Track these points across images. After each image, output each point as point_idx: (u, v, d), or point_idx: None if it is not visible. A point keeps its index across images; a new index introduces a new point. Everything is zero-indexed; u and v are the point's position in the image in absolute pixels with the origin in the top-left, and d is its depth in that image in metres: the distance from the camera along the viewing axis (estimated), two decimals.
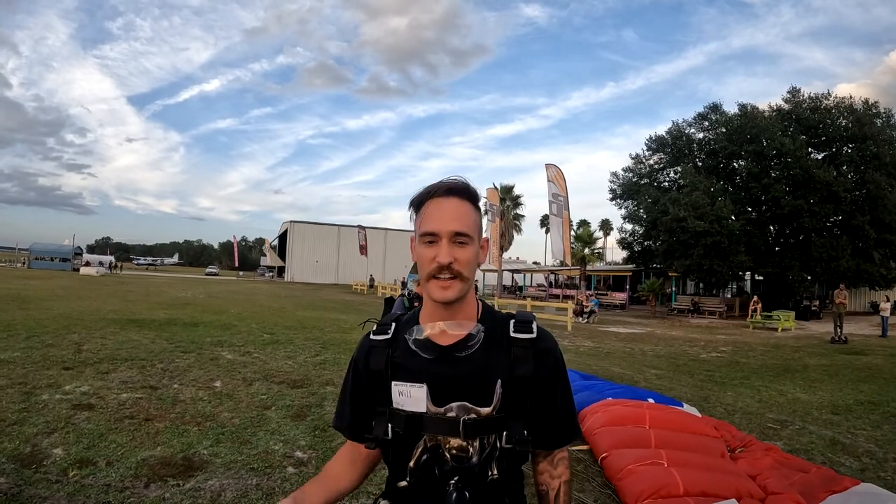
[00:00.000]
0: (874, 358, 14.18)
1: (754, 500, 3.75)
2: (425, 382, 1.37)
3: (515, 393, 1.38)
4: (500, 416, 1.35)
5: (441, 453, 1.36)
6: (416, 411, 1.37)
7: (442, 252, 1.35)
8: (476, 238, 1.40)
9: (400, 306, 5.85)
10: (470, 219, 1.39)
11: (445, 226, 1.36)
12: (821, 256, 28.45)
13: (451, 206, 1.39)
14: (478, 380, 1.37)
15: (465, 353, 1.39)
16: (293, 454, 5.10)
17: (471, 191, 1.44)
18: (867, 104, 31.24)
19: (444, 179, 1.43)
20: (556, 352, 1.47)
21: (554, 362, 1.45)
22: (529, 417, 1.41)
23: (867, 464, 5.60)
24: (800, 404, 8.37)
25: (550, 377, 1.44)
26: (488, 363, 1.39)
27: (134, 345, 10.61)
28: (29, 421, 5.57)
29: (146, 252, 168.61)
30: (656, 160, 37.13)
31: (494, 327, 1.43)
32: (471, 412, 1.34)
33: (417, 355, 1.41)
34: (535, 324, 1.44)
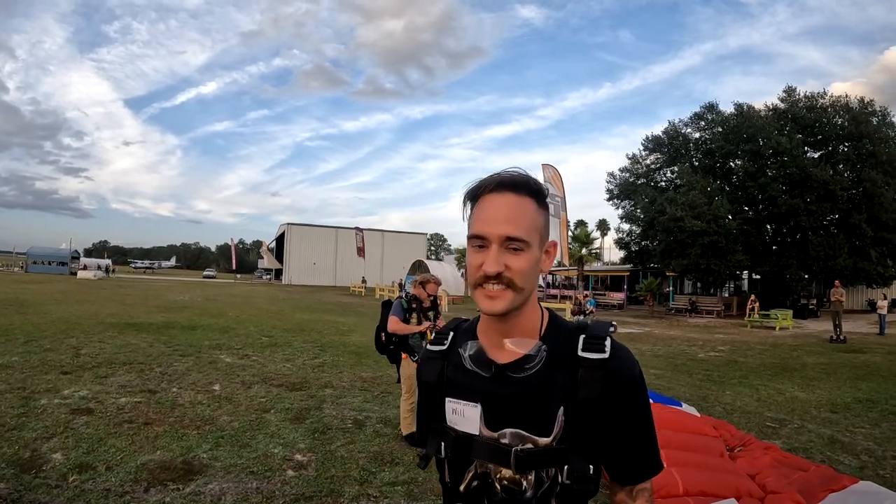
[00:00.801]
0: (872, 356, 14.20)
1: (754, 499, 3.76)
2: (479, 402, 1.24)
3: (579, 421, 1.17)
4: (561, 448, 1.17)
5: (491, 482, 1.23)
6: (468, 432, 1.24)
7: (489, 259, 1.16)
8: (536, 242, 1.19)
9: (398, 309, 5.85)
10: (527, 220, 1.18)
11: (496, 229, 1.16)
12: (818, 255, 28.47)
13: (505, 205, 1.18)
14: (536, 405, 1.19)
15: (523, 375, 1.21)
16: (293, 457, 5.10)
17: (532, 184, 1.21)
18: (863, 102, 31.27)
19: (502, 171, 1.23)
20: (632, 373, 1.21)
21: (629, 385, 1.20)
22: (598, 449, 1.20)
23: (866, 462, 5.62)
24: (798, 403, 8.39)
25: (624, 403, 1.19)
26: (549, 386, 1.19)
27: (132, 349, 10.60)
28: (28, 426, 5.57)
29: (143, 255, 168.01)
30: (653, 160, 37.12)
31: (560, 344, 1.22)
32: (526, 441, 1.19)
33: (472, 371, 1.26)
34: (609, 340, 1.21)
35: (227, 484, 4.38)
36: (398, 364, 5.96)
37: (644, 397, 1.23)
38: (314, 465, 4.91)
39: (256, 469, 4.73)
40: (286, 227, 75.40)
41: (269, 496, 4.20)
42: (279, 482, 4.48)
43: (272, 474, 4.64)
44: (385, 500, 4.28)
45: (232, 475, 4.57)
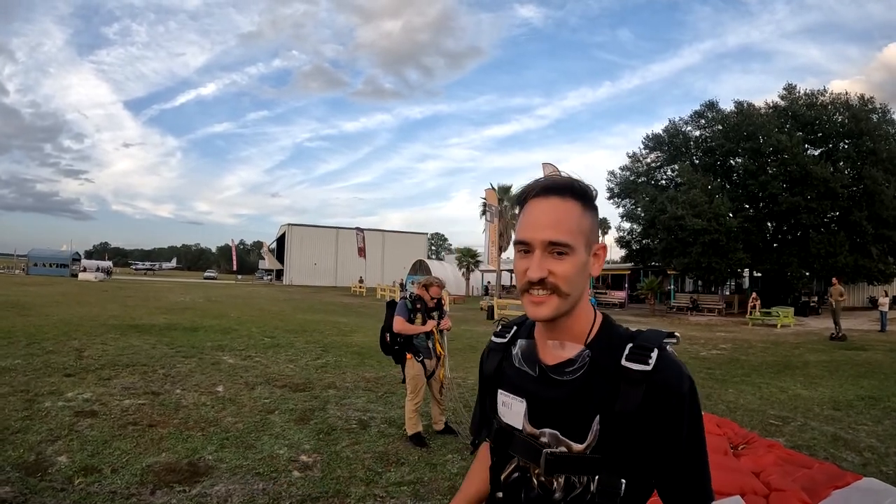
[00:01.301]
0: (874, 353, 14.22)
1: (758, 496, 3.76)
2: (525, 399, 1.26)
3: (615, 433, 1.14)
4: (594, 458, 1.15)
5: (529, 476, 1.25)
6: (513, 426, 1.27)
7: (533, 265, 1.16)
8: (581, 245, 1.18)
9: (402, 309, 5.86)
10: (572, 223, 1.17)
11: (538, 234, 1.16)
12: (819, 252, 28.47)
13: (548, 209, 1.18)
14: (573, 410, 1.18)
15: (564, 378, 1.21)
16: (298, 458, 5.12)
17: (577, 187, 1.20)
18: (863, 100, 31.27)
19: (548, 174, 1.23)
20: (680, 389, 1.13)
21: (675, 402, 1.13)
22: (636, 466, 1.16)
23: (869, 458, 5.65)
24: (801, 401, 8.40)
25: (668, 420, 1.13)
26: (589, 393, 1.18)
27: (135, 350, 10.62)
28: (32, 429, 5.59)
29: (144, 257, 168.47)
30: (653, 158, 37.09)
31: (607, 351, 1.20)
32: (561, 444, 1.19)
33: (524, 370, 1.28)
34: (656, 351, 1.15)
35: (233, 485, 4.39)
36: (403, 364, 5.96)
37: (694, 418, 1.15)
38: (320, 466, 4.93)
39: (262, 470, 4.74)
40: (287, 227, 75.49)
41: (275, 497, 4.21)
42: (285, 483, 4.49)
43: (278, 475, 4.65)
44: (391, 500, 4.29)
45: (238, 476, 4.58)
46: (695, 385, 1.16)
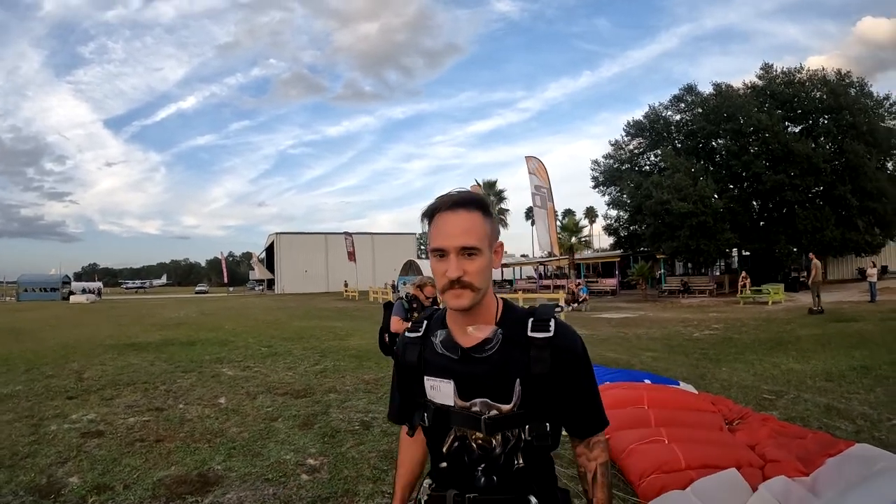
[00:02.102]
0: (865, 324, 14.42)
1: (754, 468, 3.88)
2: (452, 379, 1.48)
3: (534, 390, 1.42)
4: (521, 413, 1.42)
5: (468, 443, 1.47)
6: (445, 404, 1.49)
7: (451, 267, 1.40)
8: (486, 248, 1.43)
9: (399, 309, 5.95)
10: (479, 230, 1.42)
11: (452, 242, 1.40)
12: (806, 228, 28.78)
13: (458, 221, 1.41)
14: (497, 378, 1.44)
15: (484, 355, 1.45)
16: (305, 462, 5.19)
17: (478, 200, 1.46)
18: (840, 75, 31.63)
19: (452, 191, 1.46)
20: (575, 349, 1.47)
21: (574, 359, 1.46)
22: (553, 411, 1.46)
23: (862, 426, 5.77)
24: (794, 374, 8.55)
25: (570, 373, 1.45)
26: (507, 362, 1.44)
27: (134, 368, 10.65)
28: (41, 452, 5.62)
29: (134, 275, 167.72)
30: (636, 145, 37.36)
31: (514, 327, 1.47)
32: (492, 409, 1.43)
33: (446, 355, 1.50)
34: (553, 321, 1.46)
35: (245, 492, 4.47)
36: None
37: (588, 367, 1.51)
38: (327, 468, 5.01)
39: (271, 476, 4.82)
40: (275, 236, 75.46)
41: (286, 501, 4.29)
42: (294, 487, 4.57)
43: (287, 480, 4.73)
44: None
45: (248, 484, 4.66)
46: (584, 344, 1.51)
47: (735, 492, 3.51)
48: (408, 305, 5.98)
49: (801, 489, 3.58)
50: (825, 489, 3.53)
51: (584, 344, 1.51)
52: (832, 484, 3.56)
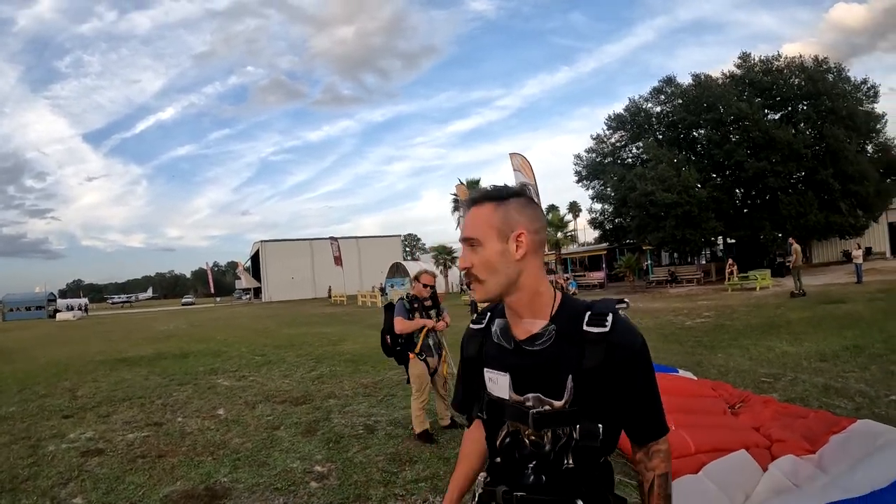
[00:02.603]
0: (854, 305, 14.57)
1: (761, 448, 3.92)
2: (508, 372, 1.47)
3: (587, 387, 1.37)
4: (573, 410, 1.38)
5: (521, 438, 1.45)
6: (501, 397, 1.48)
7: (460, 259, 1.48)
8: (491, 238, 1.43)
9: (402, 310, 5.93)
10: (480, 220, 1.45)
11: (460, 236, 1.49)
12: (789, 213, 28.94)
13: (467, 217, 1.49)
14: (549, 373, 1.41)
15: (535, 349, 1.43)
16: (313, 469, 5.18)
17: (487, 193, 1.49)
18: (817, 61, 31.82)
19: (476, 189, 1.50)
20: (633, 346, 1.40)
21: (630, 357, 1.39)
22: (607, 411, 1.40)
23: (861, 403, 5.85)
24: (789, 357, 8.64)
25: (626, 372, 1.38)
26: (559, 358, 1.40)
27: (128, 384, 10.56)
28: (42, 474, 5.56)
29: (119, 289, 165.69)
30: (618, 138, 37.43)
31: (569, 321, 1.43)
32: (544, 404, 1.40)
33: (502, 346, 1.50)
34: (611, 316, 1.40)
35: (255, 503, 4.45)
36: (406, 364, 6.03)
37: (647, 367, 1.42)
38: (336, 474, 4.99)
39: (280, 485, 4.79)
40: (260, 244, 75.08)
41: None
42: (305, 495, 4.55)
43: (296, 488, 4.71)
44: (412, 497, 4.37)
45: (257, 494, 4.63)
46: (645, 342, 1.42)
47: (746, 472, 3.55)
48: (409, 305, 5.96)
49: (810, 466, 3.63)
50: (832, 465, 3.58)
51: (646, 343, 1.43)
52: (839, 460, 3.61)
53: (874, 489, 2.95)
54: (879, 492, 2.92)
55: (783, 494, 3.30)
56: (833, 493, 3.02)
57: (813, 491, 3.20)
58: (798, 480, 3.46)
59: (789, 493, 3.33)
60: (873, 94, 31.92)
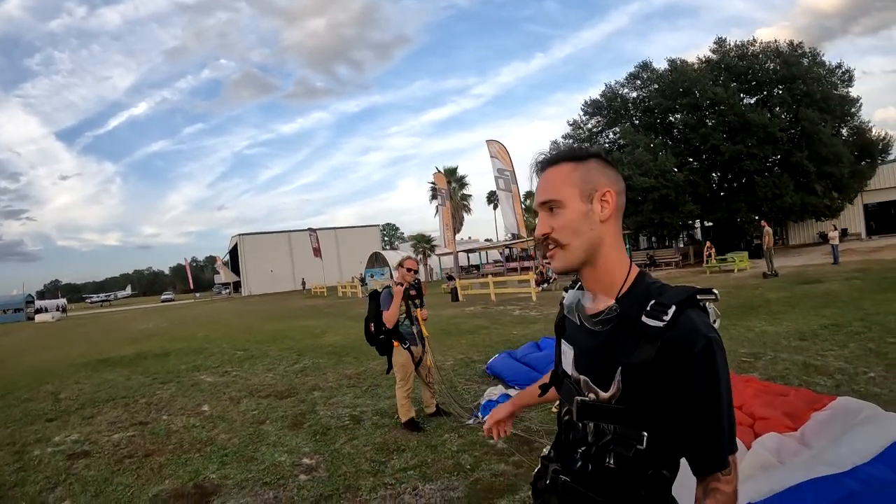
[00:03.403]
0: (831, 285, 14.77)
1: (744, 426, 3.98)
2: (573, 346, 1.39)
3: (636, 385, 1.21)
4: (618, 408, 1.23)
5: (574, 420, 1.34)
6: (566, 370, 1.42)
7: (538, 225, 1.34)
8: (573, 198, 1.29)
9: (387, 298, 5.89)
10: (559, 181, 1.31)
11: (537, 200, 1.36)
12: (766, 196, 29.29)
13: (543, 179, 1.34)
14: (602, 359, 1.28)
15: (596, 329, 1.31)
16: (301, 462, 5.18)
17: (564, 154, 1.35)
18: (792, 45, 32.11)
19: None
20: (691, 347, 1.15)
21: (688, 361, 1.15)
22: (658, 420, 1.20)
23: (840, 380, 5.96)
24: (769, 336, 8.76)
25: (680, 376, 1.16)
26: (614, 344, 1.26)
27: (111, 384, 10.46)
28: (29, 480, 5.50)
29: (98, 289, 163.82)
30: (594, 123, 37.60)
31: (634, 305, 1.25)
32: (591, 391, 1.29)
33: (571, 319, 1.41)
34: (673, 309, 1.18)
35: (245, 499, 4.44)
36: (389, 354, 6.00)
37: (710, 377, 1.15)
38: (324, 466, 5.00)
39: (269, 479, 4.79)
40: (238, 238, 74.58)
41: (289, 502, 4.28)
42: (294, 488, 4.55)
43: (285, 482, 4.71)
44: (402, 485, 4.39)
45: (246, 490, 4.63)
46: (714, 345, 1.16)
47: None
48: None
49: (793, 443, 3.69)
50: (815, 441, 3.64)
51: (715, 348, 1.16)
52: (821, 436, 3.67)
53: (856, 464, 3.01)
54: (862, 466, 2.98)
55: (768, 470, 3.35)
56: (817, 468, 3.07)
57: (797, 467, 3.25)
58: (782, 457, 3.52)
59: (774, 469, 3.38)
60: (848, 77, 32.30)
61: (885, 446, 3.16)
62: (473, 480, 4.32)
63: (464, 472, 4.49)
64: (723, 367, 1.16)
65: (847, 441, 3.41)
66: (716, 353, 1.16)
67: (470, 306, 20.63)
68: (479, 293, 25.21)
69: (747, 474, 3.45)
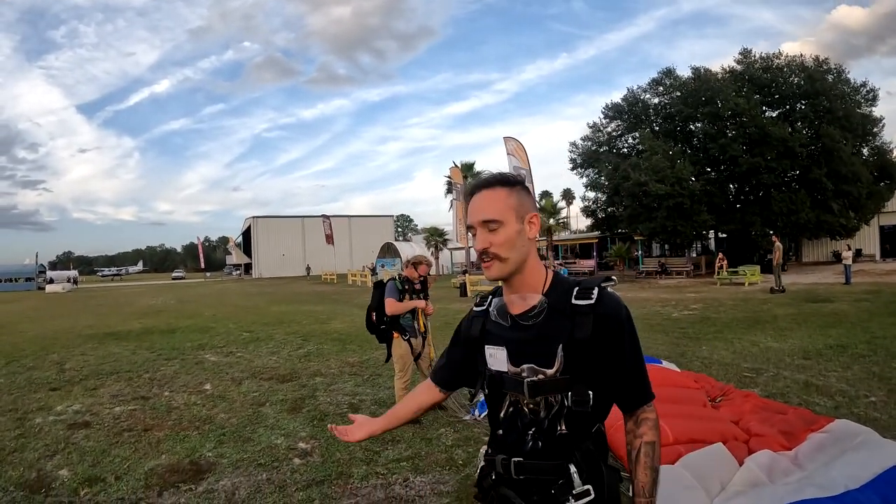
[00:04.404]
0: (840, 304, 14.66)
1: (739, 442, 3.98)
2: (504, 346, 1.59)
3: (576, 356, 1.48)
4: (564, 378, 1.49)
5: (521, 408, 1.56)
6: (500, 370, 1.59)
7: (477, 240, 1.56)
8: (511, 219, 1.53)
9: (393, 290, 5.94)
10: (500, 204, 1.54)
11: (475, 217, 1.56)
12: (781, 210, 29.02)
13: (481, 199, 1.57)
14: (542, 344, 1.52)
15: (531, 322, 1.55)
16: (296, 446, 5.24)
17: (499, 177, 1.60)
18: (818, 61, 31.76)
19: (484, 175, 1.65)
20: (618, 316, 1.52)
21: (616, 326, 1.52)
22: (597, 379, 1.51)
23: (840, 402, 5.93)
24: (772, 352, 8.72)
25: (612, 340, 1.51)
26: (551, 329, 1.52)
27: (116, 358, 10.59)
28: (28, 446, 5.59)
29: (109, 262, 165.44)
30: (614, 127, 37.33)
31: (560, 296, 1.55)
32: (538, 374, 1.51)
33: (500, 323, 1.62)
34: (597, 290, 1.53)
35: (238, 479, 4.50)
36: (389, 343, 6.05)
37: (631, 337, 1.55)
38: (319, 452, 5.05)
39: (264, 461, 4.85)
40: (252, 220, 74.89)
41: (281, 486, 4.33)
42: (288, 471, 4.61)
43: (280, 464, 4.77)
44: (393, 475, 4.44)
45: (241, 470, 4.69)
46: (630, 314, 1.56)
47: (722, 465, 3.60)
48: (401, 286, 5.98)
49: (786, 462, 3.68)
50: (808, 463, 3.63)
51: (630, 314, 1.57)
52: (815, 458, 3.66)
53: (848, 488, 3.00)
54: (852, 491, 2.96)
55: (757, 488, 3.35)
56: (807, 490, 3.06)
57: (787, 487, 3.25)
58: (773, 476, 3.52)
59: (764, 487, 3.39)
60: (872, 96, 31.94)
61: (878, 473, 3.14)
62: (464, 476, 4.36)
63: (456, 467, 4.53)
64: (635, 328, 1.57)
65: (840, 465, 3.40)
66: (631, 317, 1.57)
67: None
68: (487, 289, 25.10)
69: (737, 490, 3.46)
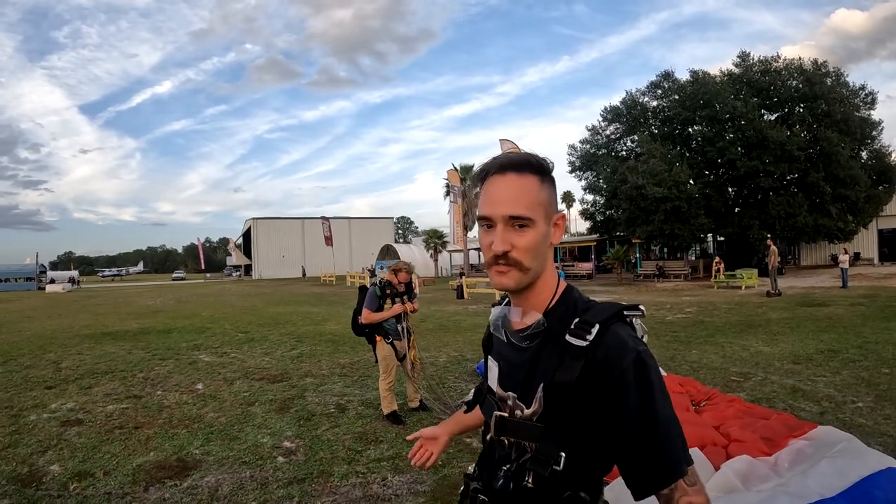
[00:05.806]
0: (835, 308, 14.70)
1: (718, 447, 4.01)
2: (498, 362, 1.35)
3: (557, 404, 1.17)
4: (537, 426, 1.19)
5: (501, 438, 1.30)
6: (491, 387, 1.36)
7: (497, 239, 1.19)
8: (541, 218, 1.20)
9: (372, 298, 6.03)
10: (531, 197, 1.19)
11: (499, 209, 1.19)
12: (779, 214, 29.07)
13: (508, 185, 1.20)
14: (525, 375, 1.24)
15: (524, 344, 1.26)
16: (281, 445, 5.31)
17: (533, 162, 1.22)
18: (816, 64, 31.84)
19: (507, 151, 1.27)
20: (619, 363, 1.11)
21: (616, 377, 1.11)
22: (577, 441, 1.17)
23: (826, 407, 5.96)
24: (762, 357, 8.76)
25: (609, 395, 1.12)
26: (538, 361, 1.22)
27: (111, 357, 10.64)
28: (22, 442, 5.67)
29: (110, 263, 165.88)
30: (613, 130, 37.40)
31: (561, 322, 1.22)
32: (517, 408, 1.24)
33: (498, 335, 1.36)
34: (597, 327, 1.15)
35: (222, 475, 4.56)
36: (374, 346, 6.16)
37: (643, 393, 1.10)
38: (303, 451, 5.12)
39: (248, 459, 4.92)
40: (252, 221, 74.98)
41: (263, 483, 4.39)
42: (271, 469, 4.68)
43: (263, 462, 4.84)
44: (373, 475, 4.52)
45: (225, 467, 4.75)
46: (644, 359, 1.12)
47: (698, 470, 3.63)
48: (380, 293, 6.05)
49: (764, 469, 3.70)
50: (786, 470, 3.66)
51: (647, 362, 1.12)
52: (794, 464, 3.68)
53: (823, 496, 3.00)
54: (826, 500, 2.96)
55: (730, 495, 3.38)
56: (780, 498, 3.08)
57: (760, 494, 3.28)
58: (749, 482, 3.54)
59: (738, 493, 3.41)
60: (871, 100, 32.02)
61: (854, 482, 3.16)
62: (442, 476, 4.43)
63: (434, 468, 4.55)
64: (657, 377, 1.12)
65: (816, 472, 3.41)
66: (647, 363, 1.12)
67: (473, 304, 20.67)
68: (484, 292, 25.23)
69: (711, 496, 3.49)
